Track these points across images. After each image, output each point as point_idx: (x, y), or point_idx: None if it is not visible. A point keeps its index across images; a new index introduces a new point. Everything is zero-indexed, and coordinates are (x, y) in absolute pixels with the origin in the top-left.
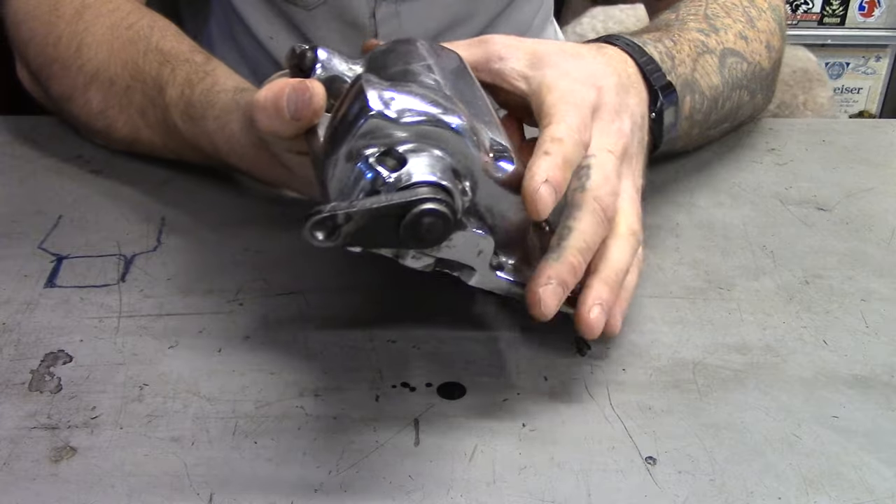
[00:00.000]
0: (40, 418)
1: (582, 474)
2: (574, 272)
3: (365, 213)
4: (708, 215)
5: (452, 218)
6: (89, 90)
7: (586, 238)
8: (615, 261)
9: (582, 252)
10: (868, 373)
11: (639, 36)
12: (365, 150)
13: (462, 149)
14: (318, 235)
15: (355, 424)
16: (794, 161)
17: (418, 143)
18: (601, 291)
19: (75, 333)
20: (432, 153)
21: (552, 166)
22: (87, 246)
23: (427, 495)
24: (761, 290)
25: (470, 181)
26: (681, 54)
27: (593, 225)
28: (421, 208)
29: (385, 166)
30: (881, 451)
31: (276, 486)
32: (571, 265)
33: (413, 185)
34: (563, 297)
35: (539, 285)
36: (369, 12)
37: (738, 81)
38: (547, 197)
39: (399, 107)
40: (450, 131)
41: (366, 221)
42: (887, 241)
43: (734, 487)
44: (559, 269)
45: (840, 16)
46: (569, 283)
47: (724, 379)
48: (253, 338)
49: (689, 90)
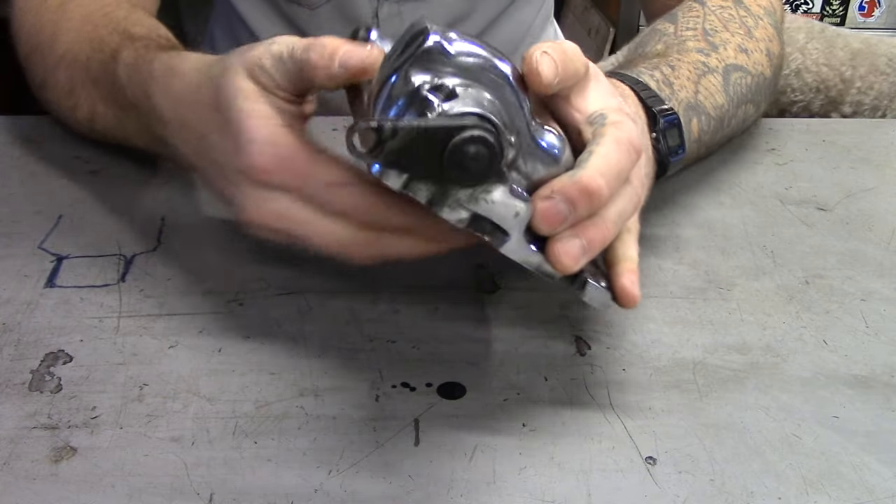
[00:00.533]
0: (40, 418)
1: (582, 474)
2: (588, 194)
3: (412, 130)
4: (708, 215)
5: (500, 151)
6: (58, 70)
7: (609, 161)
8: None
9: (604, 175)
10: (868, 373)
11: (633, 68)
12: (419, 78)
13: (511, 99)
14: (359, 146)
15: (355, 424)
16: (794, 161)
17: (472, 82)
18: (587, 229)
19: (75, 333)
20: (483, 94)
21: (545, 45)
22: (87, 246)
23: (427, 495)
24: (761, 290)
25: (515, 137)
26: (680, 79)
27: (617, 150)
28: (469, 134)
29: (436, 95)
30: (881, 451)
31: (276, 486)
32: (585, 185)
33: (463, 115)
34: (565, 218)
35: (539, 196)
36: (372, 12)
37: (744, 96)
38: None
39: (458, 47)
40: (502, 79)
41: (411, 140)
42: (887, 241)
43: (734, 487)
44: (568, 186)
45: (840, 16)
46: (577, 205)
47: (724, 379)
48: (253, 338)
49: (694, 113)
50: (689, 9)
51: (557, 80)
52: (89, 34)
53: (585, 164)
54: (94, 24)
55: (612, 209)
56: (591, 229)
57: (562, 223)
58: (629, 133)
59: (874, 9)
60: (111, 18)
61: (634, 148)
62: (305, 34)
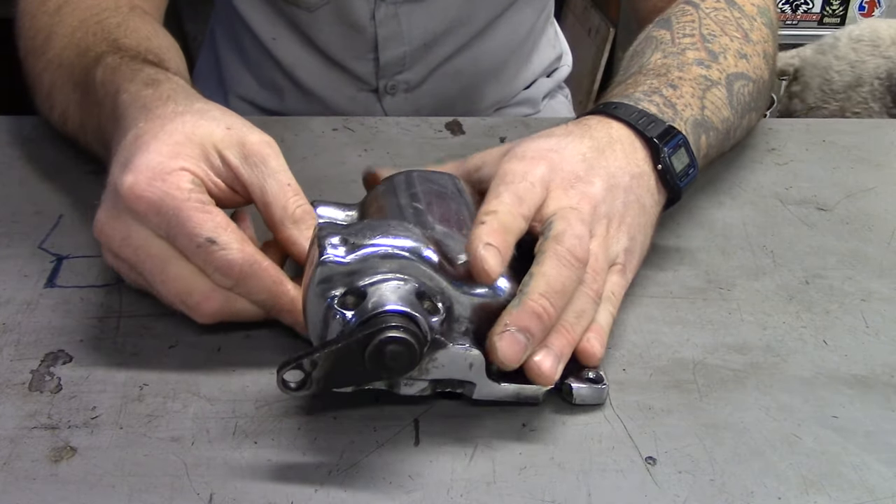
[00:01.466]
0: (40, 418)
1: (582, 474)
2: (537, 317)
3: (329, 356)
4: (708, 215)
5: (416, 341)
6: (44, 73)
7: (550, 280)
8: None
9: (547, 295)
10: (868, 373)
11: (630, 94)
12: (329, 294)
13: (419, 271)
14: (290, 384)
15: (355, 424)
16: (794, 161)
17: (377, 274)
18: (550, 338)
19: (75, 333)
20: (391, 282)
21: (490, 231)
22: (87, 246)
23: (427, 495)
24: (761, 290)
25: (441, 298)
26: (683, 98)
27: (557, 267)
28: (379, 339)
29: (346, 306)
30: (881, 451)
31: (276, 486)
32: (532, 310)
33: (372, 318)
34: (526, 346)
35: (494, 334)
36: (369, 14)
37: (747, 105)
38: (490, 258)
39: (353, 247)
40: (402, 259)
41: (332, 363)
42: (887, 241)
43: (734, 487)
44: (517, 316)
45: (840, 16)
46: (532, 330)
47: (724, 379)
48: (253, 338)
49: (702, 130)
50: (683, 13)
51: (502, 269)
52: (79, 41)
53: (527, 288)
54: (85, 30)
55: (570, 314)
56: (555, 339)
57: (525, 350)
58: (570, 242)
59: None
60: (104, 26)
61: (577, 258)
62: (306, 35)
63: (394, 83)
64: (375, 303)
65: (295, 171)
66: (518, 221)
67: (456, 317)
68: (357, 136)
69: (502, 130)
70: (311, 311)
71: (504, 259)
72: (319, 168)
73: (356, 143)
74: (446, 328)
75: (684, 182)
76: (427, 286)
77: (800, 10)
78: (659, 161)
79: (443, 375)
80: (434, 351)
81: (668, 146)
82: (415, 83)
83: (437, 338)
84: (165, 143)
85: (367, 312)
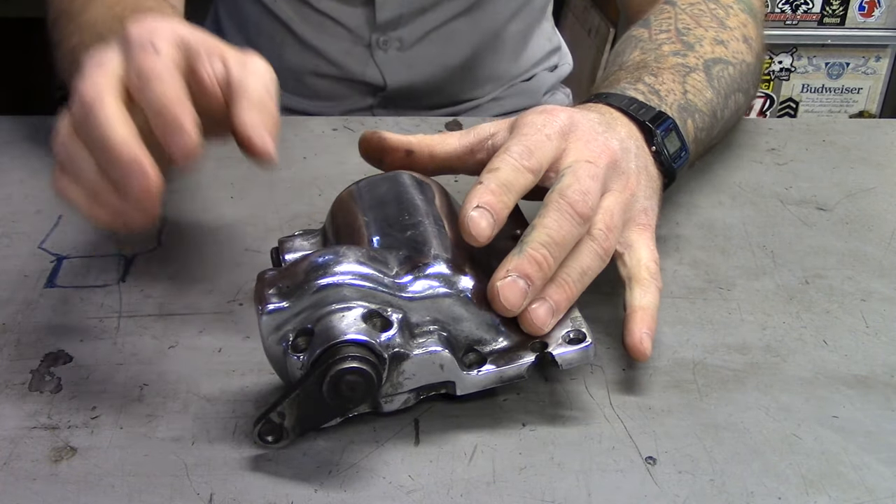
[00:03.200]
0: (40, 418)
1: (582, 474)
2: (538, 265)
3: (292, 403)
4: (708, 215)
5: (368, 365)
6: (73, 37)
7: (550, 232)
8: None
9: (546, 245)
10: (868, 373)
11: (616, 84)
12: (284, 340)
13: (360, 292)
14: (268, 439)
15: (355, 424)
16: (794, 161)
17: (322, 308)
18: (548, 290)
19: (75, 333)
20: (334, 314)
21: (485, 191)
22: (87, 246)
23: (427, 495)
24: (761, 290)
25: (392, 310)
26: (665, 85)
27: (558, 220)
28: (330, 375)
29: (298, 349)
30: (881, 451)
31: (276, 486)
32: (533, 258)
33: (320, 356)
34: (527, 292)
35: (497, 279)
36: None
37: (730, 86)
38: (479, 219)
39: (290, 290)
40: (339, 286)
41: (298, 409)
42: (887, 241)
43: (734, 487)
44: (519, 262)
45: (840, 16)
46: (532, 277)
47: (724, 379)
48: (253, 338)
49: (687, 114)
50: (661, 11)
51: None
52: (117, 13)
53: (528, 238)
54: (123, 6)
55: (575, 267)
56: (554, 291)
57: (525, 297)
58: (573, 197)
59: (874, 9)
60: (139, 5)
61: (577, 213)
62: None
63: (386, 38)
64: (322, 339)
65: (295, 170)
66: (523, 176)
67: (415, 323)
68: (357, 136)
69: None
70: (273, 361)
71: (497, 220)
72: (319, 168)
73: (356, 143)
74: (407, 337)
75: (678, 164)
76: (372, 304)
77: (800, 10)
78: (653, 143)
79: (418, 383)
80: (399, 364)
81: (660, 129)
82: (409, 43)
83: (398, 351)
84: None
85: (316, 351)
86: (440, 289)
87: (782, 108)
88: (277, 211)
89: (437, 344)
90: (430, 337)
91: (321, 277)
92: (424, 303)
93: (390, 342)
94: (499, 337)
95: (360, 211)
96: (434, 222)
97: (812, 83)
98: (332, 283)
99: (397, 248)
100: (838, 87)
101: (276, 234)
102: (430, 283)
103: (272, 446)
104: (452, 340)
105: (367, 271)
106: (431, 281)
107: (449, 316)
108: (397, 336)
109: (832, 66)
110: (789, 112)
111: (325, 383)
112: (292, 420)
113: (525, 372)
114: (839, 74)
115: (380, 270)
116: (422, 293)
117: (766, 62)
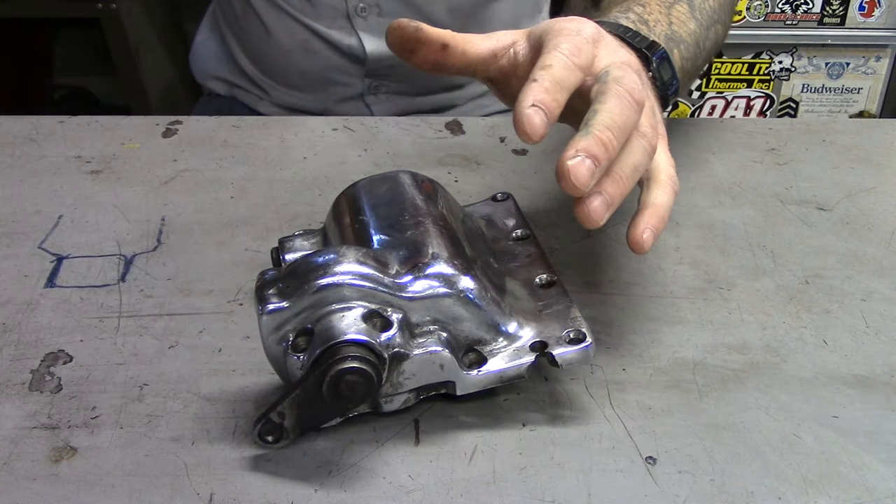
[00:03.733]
0: (40, 418)
1: (582, 474)
2: (604, 147)
3: (292, 403)
4: (708, 215)
5: (368, 364)
6: None
7: (613, 116)
8: (623, 154)
9: (610, 128)
10: (868, 373)
11: (608, 14)
12: (284, 340)
13: (361, 292)
14: (268, 439)
15: (355, 424)
16: (794, 161)
17: (322, 308)
18: (604, 184)
19: (75, 333)
20: (335, 314)
21: (539, 89)
22: (87, 246)
23: (427, 495)
24: (761, 290)
25: (392, 310)
26: (653, 15)
27: (619, 105)
28: (330, 375)
29: (298, 349)
30: (881, 451)
31: (276, 486)
32: (600, 139)
33: (320, 356)
34: (594, 172)
35: (567, 158)
36: None
37: (711, 17)
38: (535, 117)
39: (290, 290)
40: (340, 286)
41: (298, 409)
42: (887, 241)
43: (734, 487)
44: (587, 143)
45: (840, 16)
46: (599, 158)
47: (724, 379)
48: (253, 338)
49: (673, 44)
50: None
51: (547, 130)
52: None
53: (592, 121)
54: None
55: (628, 162)
56: (609, 185)
57: (592, 177)
58: (629, 85)
59: (874, 9)
60: None
61: (635, 100)
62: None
63: (364, 5)
64: (322, 339)
65: (295, 170)
66: (574, 73)
67: (415, 323)
68: (357, 136)
69: (502, 130)
70: (273, 361)
71: (551, 117)
72: (319, 168)
73: (356, 143)
74: (407, 337)
75: (670, 91)
76: (372, 304)
77: (800, 10)
78: (650, 70)
79: (418, 383)
80: (399, 364)
81: (655, 57)
82: (387, 10)
83: (398, 351)
84: None
85: (316, 351)
86: (440, 289)
87: (782, 108)
88: (277, 211)
89: (437, 344)
90: (430, 337)
91: (321, 277)
92: (424, 303)
93: (390, 342)
94: (499, 337)
95: (360, 211)
96: (434, 222)
97: (812, 83)
98: (332, 283)
99: (397, 248)
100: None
101: (276, 234)
102: (430, 283)
103: (272, 446)
104: (452, 340)
105: (367, 271)
106: (431, 281)
107: (449, 316)
108: (397, 336)
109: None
110: (789, 112)
111: (325, 383)
112: (292, 420)
113: (525, 372)
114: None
115: (380, 270)
116: (422, 293)
117: (766, 62)
